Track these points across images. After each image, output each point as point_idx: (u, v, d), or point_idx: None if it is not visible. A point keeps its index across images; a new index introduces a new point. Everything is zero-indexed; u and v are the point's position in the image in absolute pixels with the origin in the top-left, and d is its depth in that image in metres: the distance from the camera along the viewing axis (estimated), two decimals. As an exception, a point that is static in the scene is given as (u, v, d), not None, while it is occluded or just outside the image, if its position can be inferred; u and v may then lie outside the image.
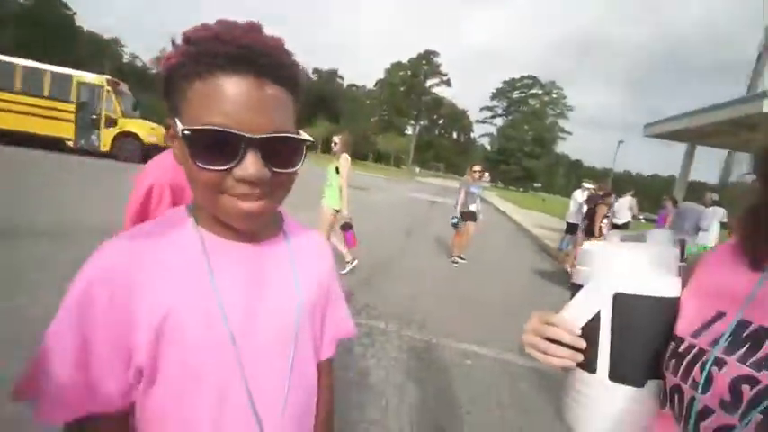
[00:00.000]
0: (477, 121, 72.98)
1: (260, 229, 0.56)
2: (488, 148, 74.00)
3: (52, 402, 0.44)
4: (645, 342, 0.50)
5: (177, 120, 0.46)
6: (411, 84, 60.83)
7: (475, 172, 5.93)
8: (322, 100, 64.15)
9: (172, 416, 0.49)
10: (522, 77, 64.56)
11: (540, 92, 63.71)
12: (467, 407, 2.30)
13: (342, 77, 74.29)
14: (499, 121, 67.79)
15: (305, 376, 0.59)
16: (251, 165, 0.44)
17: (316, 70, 71.62)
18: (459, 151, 74.73)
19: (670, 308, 0.51)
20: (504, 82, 66.02)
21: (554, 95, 62.97)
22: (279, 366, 0.55)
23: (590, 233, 5.85)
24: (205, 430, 0.49)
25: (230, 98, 0.43)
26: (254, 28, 0.46)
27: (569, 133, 65.10)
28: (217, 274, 0.51)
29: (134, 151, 11.00)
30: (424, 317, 3.56)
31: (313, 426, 0.63)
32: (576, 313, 0.53)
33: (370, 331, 3.09)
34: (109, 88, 10.80)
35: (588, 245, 0.56)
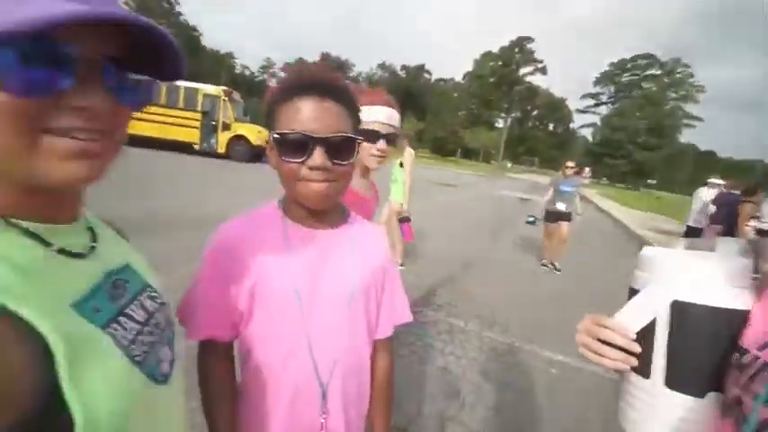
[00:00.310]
0: (578, 111, 65.58)
1: (327, 210, 0.71)
2: (591, 139, 66.59)
3: (193, 325, 0.69)
4: (702, 352, 0.49)
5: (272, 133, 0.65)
6: (502, 74, 57.56)
7: (567, 168, 5.45)
8: (409, 96, 64.72)
9: (256, 356, 0.69)
10: (636, 57, 55.70)
11: (658, 72, 54.29)
12: (549, 416, 2.19)
13: (429, 72, 73.89)
14: (604, 110, 60.09)
15: (356, 344, 0.74)
16: (317, 157, 0.62)
17: (403, 67, 72.49)
18: (555, 144, 68.47)
19: (732, 319, 0.48)
20: (612, 64, 57.77)
21: (677, 75, 53.49)
22: (334, 331, 0.70)
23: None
24: (277, 369, 0.68)
25: (303, 112, 0.62)
26: (321, 66, 0.67)
27: (699, 119, 54.57)
28: (293, 254, 0.69)
29: (244, 152, 12.58)
30: (507, 319, 3.44)
31: (369, 385, 0.79)
32: (631, 317, 0.53)
33: (450, 329, 3.11)
34: (225, 98, 12.50)
35: (648, 250, 0.56)
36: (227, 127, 12.55)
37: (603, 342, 0.54)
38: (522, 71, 58.56)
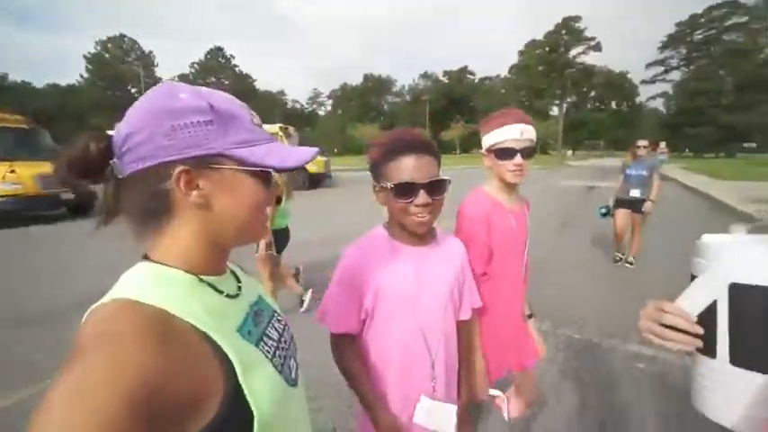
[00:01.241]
0: (644, 82, 58.88)
1: (425, 235, 0.98)
2: (664, 111, 59.81)
3: (331, 321, 0.97)
4: (763, 328, 0.51)
5: (383, 181, 0.91)
6: (549, 61, 54.51)
7: (638, 147, 4.70)
8: (454, 100, 63.97)
9: (380, 341, 0.97)
10: (711, 8, 47.33)
11: (743, 19, 46.03)
12: (636, 414, 2.07)
13: (473, 73, 72.62)
14: (676, 76, 53.43)
15: (450, 325, 1.04)
16: (422, 197, 0.89)
17: (445, 72, 72.07)
18: (621, 122, 62.13)
19: None
20: (680, 24, 50.92)
21: (768, 19, 45.16)
22: (437, 318, 0.98)
23: None
24: (398, 349, 0.95)
25: (408, 166, 0.89)
26: (409, 129, 0.97)
27: (801, 65, 45.62)
28: (401, 264, 0.96)
29: (302, 181, 13.49)
30: (584, 315, 3.29)
31: (458, 354, 1.08)
32: (692, 302, 0.57)
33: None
34: (281, 134, 13.51)
35: (706, 237, 0.60)
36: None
37: (667, 326, 0.57)
38: (573, 52, 54.92)
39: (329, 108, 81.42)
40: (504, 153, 1.20)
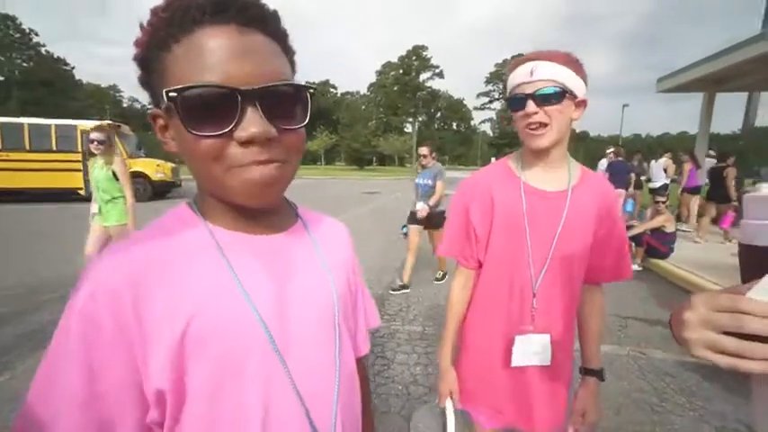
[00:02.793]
0: (476, 108, 71.29)
1: (275, 205, 0.48)
2: (490, 133, 73.07)
3: None
4: None
5: (166, 91, 0.38)
6: (404, 82, 60.49)
7: (421, 156, 3.94)
8: (319, 112, 64.46)
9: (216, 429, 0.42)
10: (513, 57, 63.19)
11: (532, 69, 62.31)
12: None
13: (335, 87, 74.61)
14: (498, 105, 66.49)
15: (349, 368, 0.54)
16: (252, 122, 0.38)
17: (308, 84, 72.15)
18: (460, 141, 73.92)
19: None
20: (497, 65, 64.09)
21: (549, 70, 61.62)
22: (324, 360, 0.50)
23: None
24: None
25: (214, 51, 0.38)
26: None
27: (570, 106, 63.64)
28: (237, 271, 0.44)
29: (144, 190, 11.15)
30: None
31: (360, 420, 0.58)
32: None
33: (409, 337, 2.96)
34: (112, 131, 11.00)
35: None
36: (118, 165, 11.03)
37: (741, 336, 0.34)
38: (422, 77, 62.08)
39: (178, 110, 71.80)
40: (513, 103, 0.85)
